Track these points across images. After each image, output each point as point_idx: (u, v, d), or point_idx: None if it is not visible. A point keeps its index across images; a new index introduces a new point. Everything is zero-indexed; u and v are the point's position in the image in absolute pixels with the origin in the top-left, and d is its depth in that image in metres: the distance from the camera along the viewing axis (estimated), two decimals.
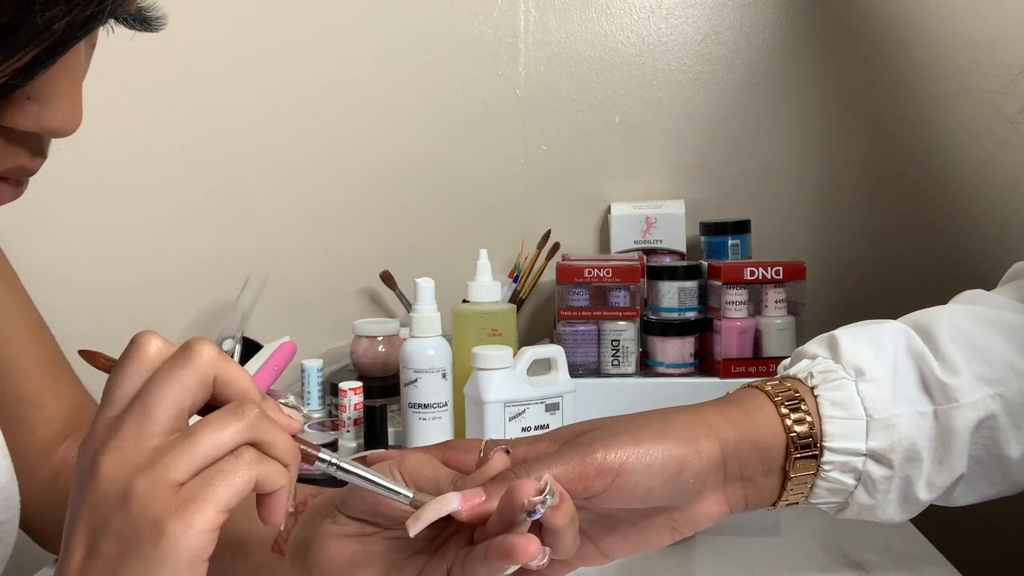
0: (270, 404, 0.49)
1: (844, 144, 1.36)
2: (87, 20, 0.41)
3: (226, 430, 0.46)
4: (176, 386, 0.46)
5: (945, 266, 1.34)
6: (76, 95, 0.45)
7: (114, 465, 0.44)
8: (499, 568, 0.50)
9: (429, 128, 1.35)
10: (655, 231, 1.30)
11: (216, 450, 0.45)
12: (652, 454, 0.56)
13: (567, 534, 0.52)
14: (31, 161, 0.47)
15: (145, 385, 0.46)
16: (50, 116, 0.44)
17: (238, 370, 0.49)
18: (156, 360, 0.47)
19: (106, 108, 1.30)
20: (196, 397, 0.47)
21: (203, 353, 0.47)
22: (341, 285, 1.36)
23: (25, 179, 0.49)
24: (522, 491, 0.50)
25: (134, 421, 0.45)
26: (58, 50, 0.41)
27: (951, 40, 1.32)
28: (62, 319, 1.33)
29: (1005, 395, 0.63)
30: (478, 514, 0.53)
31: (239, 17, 1.33)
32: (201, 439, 0.45)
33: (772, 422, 0.60)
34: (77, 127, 0.45)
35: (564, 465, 0.54)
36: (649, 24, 1.35)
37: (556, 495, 0.50)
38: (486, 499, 0.53)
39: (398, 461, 0.57)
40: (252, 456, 0.46)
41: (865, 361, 0.62)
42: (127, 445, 0.45)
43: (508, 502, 0.50)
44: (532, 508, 0.49)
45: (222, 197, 1.35)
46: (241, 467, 0.45)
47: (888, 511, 0.62)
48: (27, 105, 0.43)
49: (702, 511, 0.59)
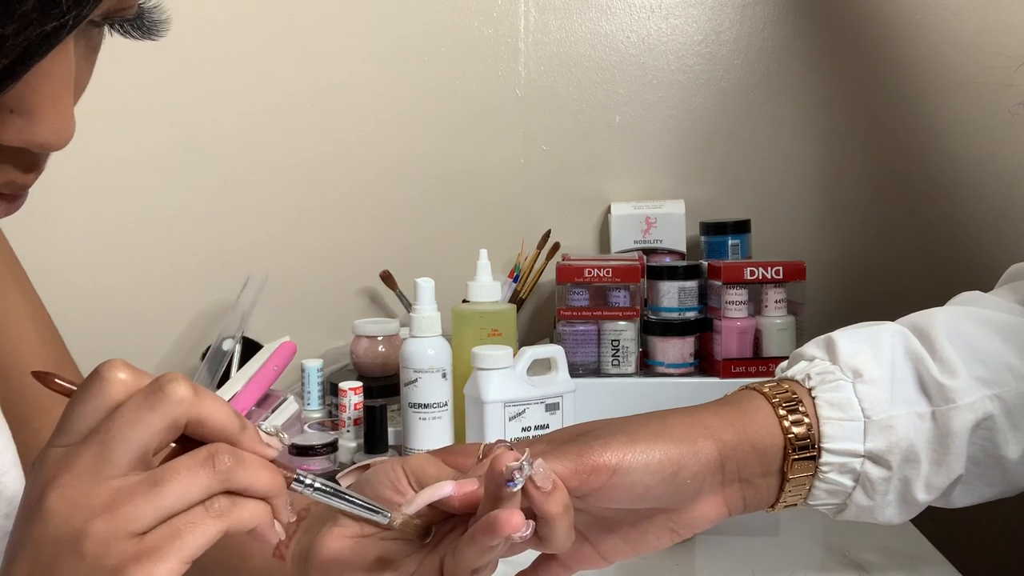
0: (250, 433, 0.46)
1: (844, 144, 1.36)
2: (48, 35, 0.38)
3: (196, 481, 0.43)
4: (141, 428, 0.42)
5: (945, 265, 1.34)
6: (64, 106, 0.42)
7: (64, 503, 0.41)
8: (485, 544, 0.50)
9: (429, 128, 1.35)
10: (655, 231, 1.30)
11: (185, 502, 0.42)
12: (649, 453, 0.56)
13: (560, 524, 0.52)
14: (22, 176, 0.45)
15: (107, 421, 0.43)
16: (36, 130, 0.41)
17: (214, 407, 0.45)
18: (120, 395, 0.43)
19: (105, 108, 1.30)
20: (163, 440, 0.43)
21: (175, 395, 0.43)
22: (341, 285, 1.36)
23: (21, 193, 0.46)
24: (501, 459, 0.50)
25: (91, 459, 0.42)
26: (23, 64, 0.38)
27: (951, 36, 1.32)
28: (62, 319, 1.33)
29: (1003, 396, 0.63)
30: (470, 501, 0.53)
31: (239, 17, 1.33)
32: (169, 490, 0.42)
33: (770, 423, 0.60)
34: (68, 140, 0.43)
35: (560, 461, 0.54)
36: (649, 24, 1.35)
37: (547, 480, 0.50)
38: (479, 487, 0.53)
39: (402, 460, 0.57)
40: (223, 505, 0.43)
41: (863, 362, 0.62)
42: (80, 484, 0.41)
43: (490, 474, 0.50)
44: (510, 475, 0.49)
45: (222, 197, 1.35)
46: (210, 518, 0.43)
47: (887, 512, 0.62)
48: (10, 119, 0.41)
49: (700, 513, 0.59)
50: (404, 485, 0.56)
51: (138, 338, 1.34)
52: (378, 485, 0.56)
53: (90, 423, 0.43)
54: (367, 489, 0.57)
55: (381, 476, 0.57)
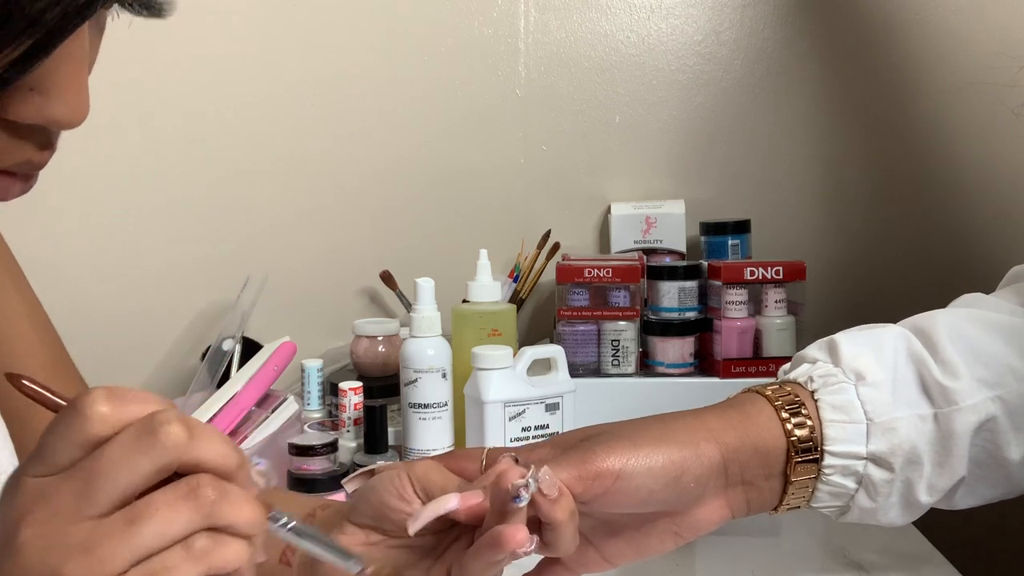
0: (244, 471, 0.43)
1: (844, 143, 1.36)
2: (82, 8, 0.39)
3: (176, 518, 0.40)
4: (128, 471, 0.39)
5: (946, 265, 1.35)
6: (81, 85, 0.43)
7: (40, 539, 0.39)
8: (490, 558, 0.51)
9: (429, 128, 1.35)
10: (655, 231, 1.30)
11: (164, 541, 0.40)
12: (652, 458, 0.56)
13: (566, 529, 0.52)
14: (38, 155, 0.45)
15: (91, 459, 0.40)
16: (54, 108, 0.42)
17: (209, 448, 0.41)
18: (103, 430, 0.40)
19: (104, 105, 1.30)
20: (149, 483, 0.40)
21: (168, 439, 0.40)
22: (341, 285, 1.36)
23: (35, 173, 0.47)
24: (507, 476, 0.50)
25: (71, 496, 0.39)
26: (53, 40, 0.39)
27: (953, 36, 1.32)
28: (61, 318, 1.33)
29: (1005, 398, 0.63)
30: (476, 513, 0.53)
31: (239, 15, 1.33)
32: (147, 529, 0.39)
33: (773, 426, 0.60)
34: (84, 118, 0.43)
35: (564, 468, 0.54)
36: (649, 24, 1.35)
37: (553, 487, 0.51)
38: (484, 499, 0.53)
39: (407, 467, 0.57)
40: (204, 546, 0.40)
41: (865, 365, 0.62)
42: (58, 521, 0.39)
43: (496, 490, 0.51)
44: (516, 492, 0.49)
45: (222, 197, 1.35)
46: (190, 561, 0.40)
47: (889, 514, 0.63)
48: (30, 97, 0.42)
49: (704, 516, 0.59)
50: (409, 493, 0.56)
51: (138, 338, 1.34)
52: (383, 493, 0.56)
53: (70, 457, 0.40)
54: (373, 497, 0.57)
55: (386, 484, 0.57)
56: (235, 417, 1.02)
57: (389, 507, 0.55)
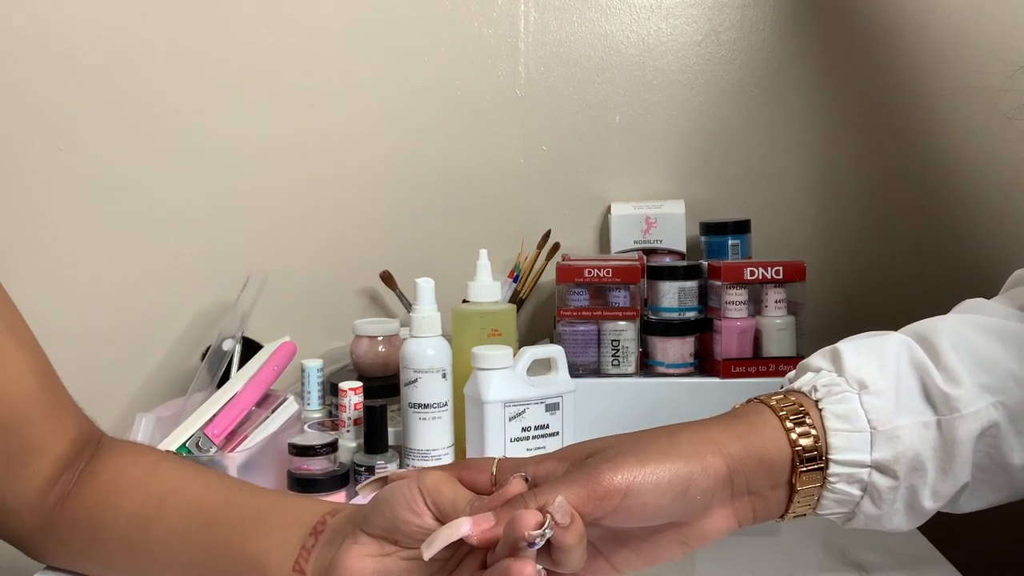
0: None
1: (844, 144, 1.36)
2: None
3: None
4: None
5: (946, 265, 1.35)
6: None
7: None
8: None
9: (429, 128, 1.35)
10: (655, 231, 1.30)
11: None
12: (659, 473, 0.56)
13: (575, 552, 0.53)
14: None
15: None
16: None
17: None
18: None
19: (103, 108, 1.30)
20: None
21: None
22: (341, 285, 1.36)
23: None
24: (523, 523, 0.51)
25: None
26: None
27: (950, 38, 1.32)
28: (62, 319, 1.33)
29: (1007, 403, 0.63)
30: (488, 538, 0.54)
31: (238, 17, 1.33)
32: None
33: (777, 436, 0.60)
34: None
35: (572, 489, 0.54)
36: (649, 24, 1.35)
37: (567, 515, 0.51)
38: (496, 524, 0.54)
39: (417, 479, 0.58)
40: None
41: (868, 374, 0.62)
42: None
43: (510, 531, 0.51)
44: (531, 540, 0.50)
45: (222, 197, 1.35)
46: None
47: (895, 520, 0.63)
48: None
49: (711, 526, 0.60)
50: (421, 506, 0.57)
51: (138, 338, 1.34)
52: (395, 506, 0.57)
53: None
54: (385, 509, 0.57)
55: (398, 496, 0.57)
56: (235, 417, 1.02)
57: (401, 520, 0.56)
